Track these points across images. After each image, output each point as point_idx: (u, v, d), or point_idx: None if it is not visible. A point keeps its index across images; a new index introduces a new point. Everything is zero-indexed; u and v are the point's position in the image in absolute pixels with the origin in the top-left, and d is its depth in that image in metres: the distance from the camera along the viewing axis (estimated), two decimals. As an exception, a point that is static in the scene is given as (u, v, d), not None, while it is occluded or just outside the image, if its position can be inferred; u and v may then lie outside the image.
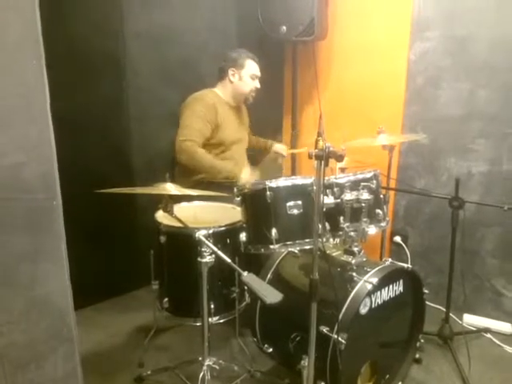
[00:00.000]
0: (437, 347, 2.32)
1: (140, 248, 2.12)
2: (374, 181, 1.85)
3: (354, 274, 1.77)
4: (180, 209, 1.89)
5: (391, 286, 1.80)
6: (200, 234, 1.62)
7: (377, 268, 1.79)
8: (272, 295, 1.37)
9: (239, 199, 1.82)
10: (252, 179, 2.54)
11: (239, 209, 1.87)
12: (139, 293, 2.75)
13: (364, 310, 1.69)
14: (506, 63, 2.40)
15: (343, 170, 2.21)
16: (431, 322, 2.27)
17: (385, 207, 1.93)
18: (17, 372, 1.21)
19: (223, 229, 1.92)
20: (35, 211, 1.16)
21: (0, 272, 1.14)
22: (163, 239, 1.96)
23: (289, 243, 1.72)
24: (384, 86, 2.84)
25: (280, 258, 2.02)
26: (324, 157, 1.36)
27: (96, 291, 2.51)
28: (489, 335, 2.46)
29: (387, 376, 1.95)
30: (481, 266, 2.62)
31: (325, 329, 1.65)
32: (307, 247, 1.72)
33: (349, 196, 1.74)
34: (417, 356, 2.13)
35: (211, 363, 1.84)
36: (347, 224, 1.76)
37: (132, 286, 2.77)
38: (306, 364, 1.59)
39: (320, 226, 1.47)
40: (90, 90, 2.39)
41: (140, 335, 2.35)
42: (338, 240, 1.86)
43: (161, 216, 1.97)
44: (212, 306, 1.88)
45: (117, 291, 2.74)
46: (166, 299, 2.00)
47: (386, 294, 1.79)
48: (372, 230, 1.83)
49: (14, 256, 1.15)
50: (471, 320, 2.56)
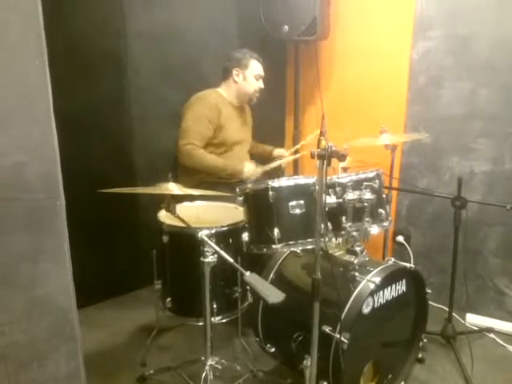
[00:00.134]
0: (440, 347, 2.31)
1: (142, 248, 2.12)
2: (377, 180, 1.85)
3: (357, 274, 1.77)
4: (182, 208, 1.89)
5: (394, 286, 1.80)
6: (202, 234, 1.62)
7: (379, 268, 1.78)
8: (274, 295, 1.38)
9: (241, 199, 1.83)
10: (256, 174, 2.55)
11: (241, 209, 1.87)
12: (142, 292, 2.75)
13: (367, 310, 1.69)
14: (508, 62, 2.39)
15: (345, 170, 2.20)
16: (434, 322, 2.26)
17: (387, 207, 1.93)
18: (19, 371, 1.21)
19: (226, 229, 1.92)
20: (37, 211, 1.16)
21: (1, 272, 1.14)
22: (166, 239, 1.96)
23: (291, 243, 1.72)
24: (386, 86, 2.84)
25: (282, 258, 2.01)
26: (326, 156, 1.36)
27: (98, 290, 2.52)
28: (492, 335, 2.45)
29: (390, 376, 1.95)
30: (483, 266, 2.61)
31: (327, 328, 1.64)
32: (309, 247, 1.73)
33: (351, 196, 1.74)
34: (419, 356, 2.12)
35: (214, 363, 1.84)
36: (349, 224, 1.76)
37: (134, 286, 2.77)
38: (309, 364, 1.58)
39: (322, 226, 1.47)
40: (92, 90, 2.39)
41: (142, 335, 2.35)
42: (341, 240, 1.86)
43: (163, 216, 1.97)
44: (214, 306, 1.88)
45: (119, 291, 2.74)
46: (169, 299, 2.01)
47: (389, 294, 1.78)
48: (374, 230, 1.83)
49: (16, 256, 1.15)
50: (474, 320, 2.55)
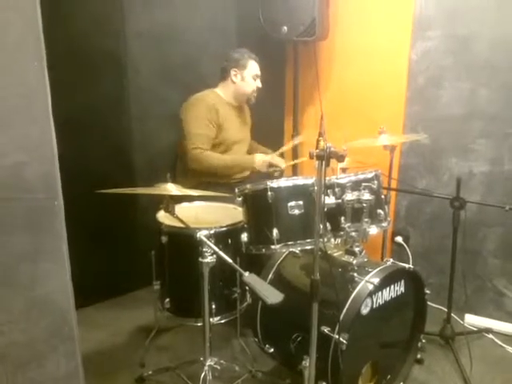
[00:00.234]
0: (438, 347, 2.32)
1: (141, 248, 2.12)
2: (375, 181, 1.85)
3: (356, 275, 1.77)
4: (181, 209, 1.89)
5: (392, 287, 1.80)
6: (201, 235, 1.62)
7: (378, 268, 1.79)
8: (273, 295, 1.38)
9: (240, 199, 1.83)
10: (266, 163, 2.54)
11: (240, 209, 1.87)
12: (140, 293, 2.74)
13: (365, 311, 1.69)
14: (508, 62, 2.39)
15: (344, 171, 2.20)
16: (433, 323, 2.27)
17: (386, 207, 1.93)
18: (18, 371, 1.21)
19: (224, 229, 1.92)
20: (36, 211, 1.16)
21: (1, 272, 1.14)
22: (165, 239, 1.96)
23: (290, 243, 1.72)
24: (385, 86, 2.84)
25: (281, 259, 2.01)
26: (325, 157, 1.36)
27: (97, 291, 2.52)
28: (490, 335, 2.45)
29: (388, 376, 1.95)
30: (482, 267, 2.62)
31: (326, 329, 1.64)
32: (308, 247, 1.73)
33: (350, 196, 1.74)
34: (418, 356, 2.12)
35: (212, 363, 1.84)
36: (348, 224, 1.76)
37: (133, 286, 2.77)
38: (308, 364, 1.59)
39: (321, 227, 1.47)
40: (91, 90, 2.39)
41: (141, 335, 2.35)
42: (339, 240, 1.87)
43: (162, 216, 1.97)
44: (213, 307, 1.88)
45: (118, 291, 2.74)
46: (168, 299, 2.01)
47: (388, 295, 1.78)
48: (373, 231, 1.83)
49: (15, 256, 1.15)
50: (473, 320, 2.56)
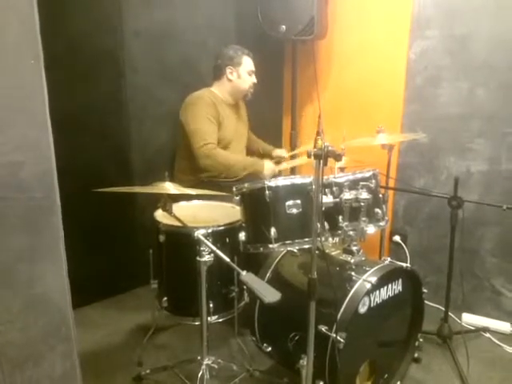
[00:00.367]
0: (436, 346, 2.32)
1: (139, 247, 2.12)
2: (373, 180, 1.85)
3: (353, 273, 1.77)
4: (179, 208, 1.89)
5: (390, 285, 1.80)
6: (199, 233, 1.62)
7: (376, 267, 1.79)
8: (271, 294, 1.37)
9: (238, 198, 1.82)
10: (274, 172, 2.54)
11: (238, 208, 1.87)
12: (138, 292, 2.74)
13: (363, 309, 1.69)
14: (506, 62, 2.40)
15: (342, 170, 2.21)
16: (430, 322, 2.27)
17: (384, 206, 1.93)
18: (15, 370, 1.21)
19: (222, 228, 1.91)
20: (33, 210, 1.16)
21: (-1, 271, 1.14)
22: (162, 238, 1.95)
23: (288, 242, 1.72)
24: (383, 85, 2.84)
25: (279, 257, 2.02)
26: (323, 156, 1.36)
27: (95, 290, 2.51)
28: (488, 334, 2.46)
29: (386, 375, 1.95)
30: (480, 266, 2.62)
31: (323, 328, 1.64)
32: (306, 246, 1.73)
33: (348, 195, 1.74)
34: (416, 355, 2.12)
35: (210, 362, 1.84)
36: (346, 223, 1.76)
37: (131, 285, 2.77)
38: (305, 363, 1.59)
39: (319, 226, 1.47)
40: (89, 89, 2.39)
41: (139, 334, 2.35)
42: (337, 239, 1.86)
43: (160, 215, 1.97)
44: (211, 306, 1.87)
45: (116, 290, 2.73)
46: (165, 298, 2.00)
47: (385, 293, 1.78)
48: (371, 230, 1.83)
49: (12, 255, 1.14)
50: (470, 319, 2.56)
